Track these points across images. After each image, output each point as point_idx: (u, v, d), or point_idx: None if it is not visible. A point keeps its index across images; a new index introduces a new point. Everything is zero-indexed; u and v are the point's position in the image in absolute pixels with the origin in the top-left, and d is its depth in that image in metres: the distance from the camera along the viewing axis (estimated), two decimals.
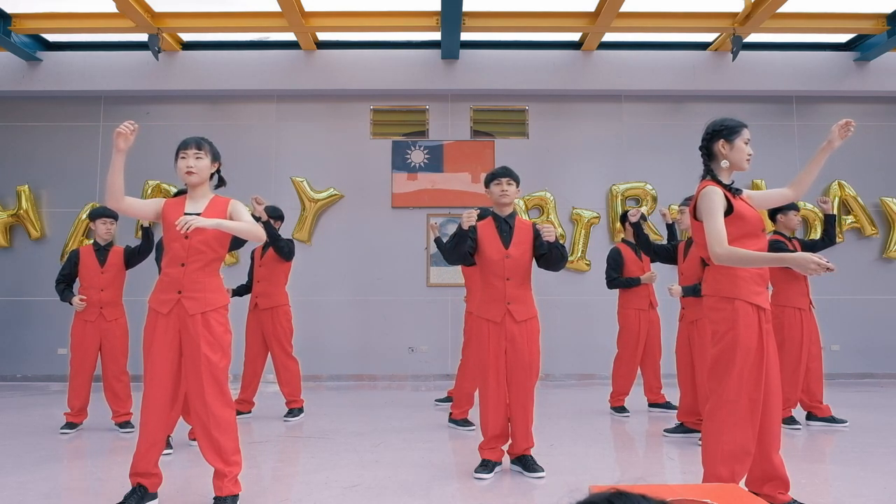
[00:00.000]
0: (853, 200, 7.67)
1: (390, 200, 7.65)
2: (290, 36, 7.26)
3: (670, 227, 5.09)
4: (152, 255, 4.57)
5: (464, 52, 7.52)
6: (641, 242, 4.88)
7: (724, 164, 2.74)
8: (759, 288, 2.65)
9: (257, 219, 4.44)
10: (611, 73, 7.60)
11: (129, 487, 2.86)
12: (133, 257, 4.67)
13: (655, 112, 7.87)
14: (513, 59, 7.60)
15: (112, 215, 4.65)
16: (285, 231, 5.76)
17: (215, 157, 3.01)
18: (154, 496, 2.90)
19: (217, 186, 3.10)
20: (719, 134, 2.75)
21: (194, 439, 3.91)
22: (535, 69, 7.57)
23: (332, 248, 7.60)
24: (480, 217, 3.53)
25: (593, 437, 4.43)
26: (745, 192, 2.82)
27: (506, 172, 3.56)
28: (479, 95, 7.77)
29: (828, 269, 2.35)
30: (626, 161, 7.76)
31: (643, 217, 5.04)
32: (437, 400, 5.84)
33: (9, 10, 6.73)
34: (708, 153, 2.79)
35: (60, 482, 3.44)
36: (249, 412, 5.15)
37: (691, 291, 4.30)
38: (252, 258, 5.29)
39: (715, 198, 2.62)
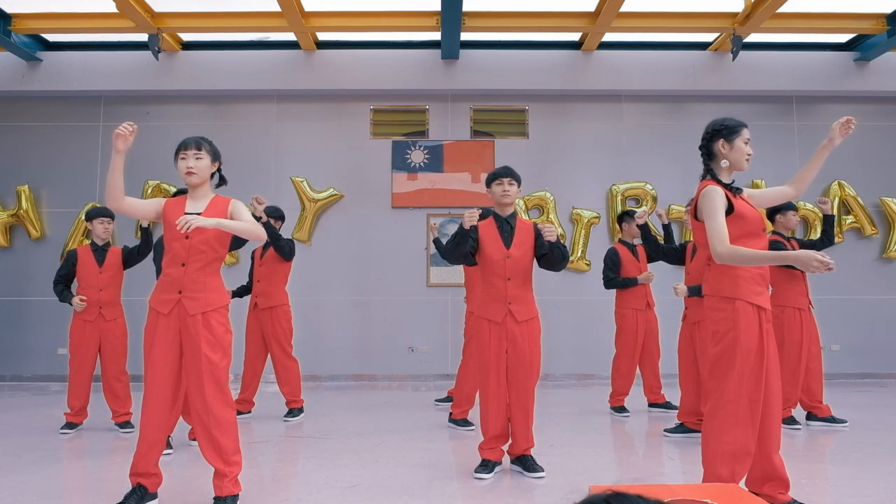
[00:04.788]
0: (853, 200, 7.67)
1: (390, 200, 7.65)
2: (290, 36, 7.26)
3: (666, 228, 5.09)
4: (150, 255, 4.58)
5: (464, 52, 7.52)
6: (650, 244, 4.87)
7: (724, 163, 2.74)
8: (759, 288, 2.65)
9: (258, 219, 4.44)
10: (611, 73, 7.60)
11: (129, 487, 2.86)
12: (131, 257, 4.67)
13: (655, 112, 7.87)
14: (513, 59, 7.59)
15: (109, 215, 4.65)
16: (285, 231, 5.76)
17: (215, 156, 3.01)
18: (154, 496, 2.90)
19: (218, 185, 3.10)
20: (719, 133, 2.75)
21: (194, 439, 3.91)
22: (535, 69, 7.57)
23: (332, 248, 7.60)
24: (482, 217, 3.53)
25: (593, 437, 4.43)
26: (746, 192, 2.82)
27: (507, 172, 3.56)
28: (479, 95, 7.77)
29: (829, 268, 2.35)
30: (626, 161, 7.76)
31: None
32: (437, 400, 5.84)
33: (9, 10, 6.73)
34: (708, 153, 2.80)
35: (60, 482, 3.44)
36: (249, 412, 5.15)
37: (696, 292, 4.29)
38: (252, 258, 5.29)
39: (716, 197, 2.62)
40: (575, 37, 7.47)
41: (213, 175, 3.03)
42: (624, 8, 6.49)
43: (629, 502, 0.93)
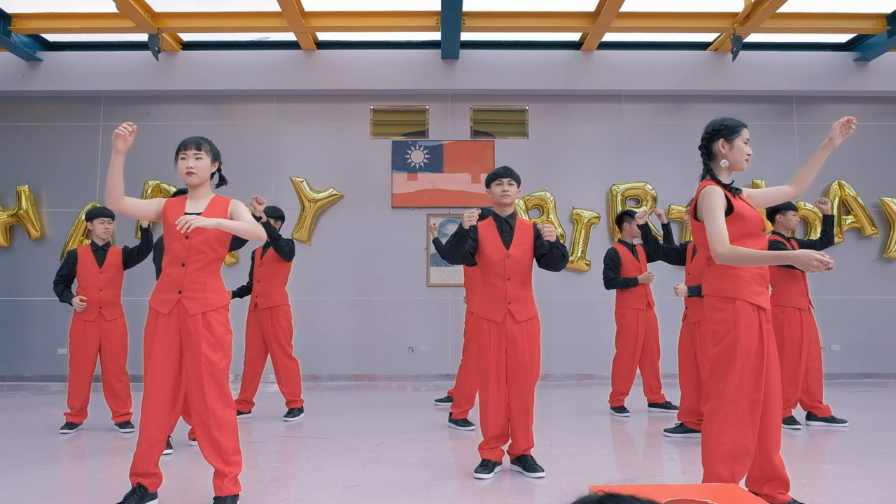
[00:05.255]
0: (853, 200, 7.67)
1: (390, 200, 7.65)
2: (290, 36, 7.26)
3: (666, 228, 5.09)
4: (150, 255, 4.58)
5: (464, 52, 7.52)
6: (650, 243, 4.87)
7: (724, 163, 2.74)
8: (759, 288, 2.65)
9: (258, 219, 4.44)
10: (611, 73, 7.60)
11: (129, 487, 2.86)
12: (132, 258, 4.68)
13: (655, 112, 7.87)
14: (513, 59, 7.59)
15: (109, 215, 4.66)
16: (285, 231, 5.76)
17: (215, 156, 3.01)
18: (154, 496, 2.90)
19: (218, 185, 3.10)
20: (719, 133, 2.75)
21: (194, 439, 3.91)
22: (535, 69, 7.57)
23: (332, 248, 7.60)
24: (481, 217, 3.53)
25: (593, 437, 4.43)
26: (745, 192, 2.82)
27: (507, 172, 3.56)
28: (479, 95, 7.77)
29: (828, 267, 2.35)
30: (626, 161, 7.76)
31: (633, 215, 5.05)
32: (437, 400, 5.84)
33: (9, 10, 6.73)
34: (707, 153, 2.80)
35: (60, 482, 3.44)
36: (249, 412, 5.15)
37: (697, 292, 4.29)
38: (252, 258, 5.29)
39: (716, 197, 2.62)
40: (575, 37, 7.47)
41: (213, 175, 3.03)
42: (624, 8, 6.49)
43: (622, 503, 0.93)
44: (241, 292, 5.22)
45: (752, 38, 7.16)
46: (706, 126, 2.82)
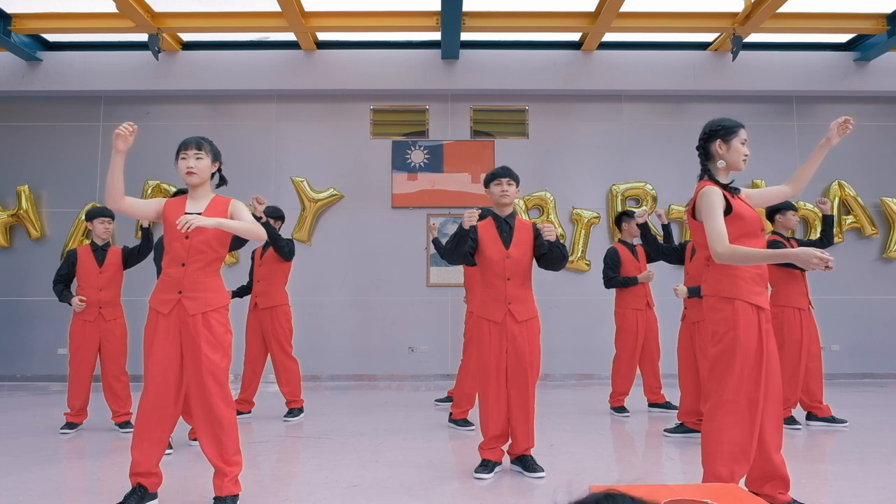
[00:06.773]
0: (853, 200, 7.67)
1: (390, 200, 7.65)
2: (290, 36, 7.27)
3: (666, 228, 5.09)
4: (151, 255, 4.58)
5: (464, 52, 7.52)
6: (649, 243, 4.87)
7: (721, 164, 2.74)
8: (758, 288, 2.65)
9: (258, 219, 4.44)
10: (611, 73, 7.60)
11: (129, 487, 2.86)
12: (132, 257, 4.68)
13: (655, 112, 7.87)
14: (513, 59, 7.60)
15: (109, 215, 4.66)
16: (285, 231, 5.76)
17: (216, 156, 3.01)
18: (154, 496, 2.90)
19: (218, 185, 3.10)
20: (716, 134, 2.75)
21: (194, 439, 3.92)
22: (535, 69, 7.58)
23: (332, 248, 7.60)
24: (481, 217, 3.53)
25: (593, 437, 4.43)
26: (744, 192, 2.82)
27: (506, 172, 3.56)
28: (479, 95, 7.77)
29: (827, 266, 2.35)
30: (626, 161, 7.76)
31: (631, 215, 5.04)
32: (437, 400, 5.84)
33: (9, 10, 6.74)
34: (705, 153, 2.80)
35: (60, 482, 3.44)
36: (249, 412, 5.15)
37: (696, 292, 4.28)
38: (252, 258, 5.29)
39: (714, 197, 2.62)
40: (575, 37, 7.47)
41: (213, 175, 3.04)
42: (624, 8, 6.50)
43: (621, 502, 0.93)
44: (241, 292, 5.22)
45: (752, 38, 7.16)
46: (703, 126, 2.83)
